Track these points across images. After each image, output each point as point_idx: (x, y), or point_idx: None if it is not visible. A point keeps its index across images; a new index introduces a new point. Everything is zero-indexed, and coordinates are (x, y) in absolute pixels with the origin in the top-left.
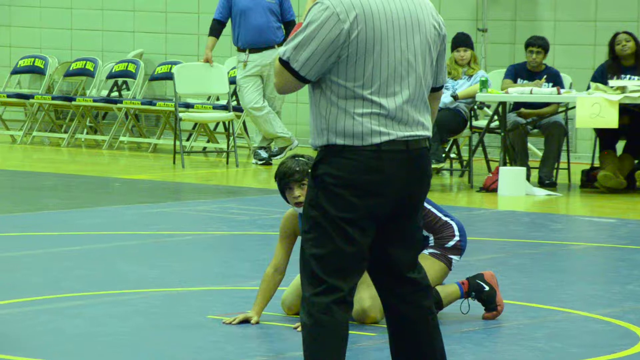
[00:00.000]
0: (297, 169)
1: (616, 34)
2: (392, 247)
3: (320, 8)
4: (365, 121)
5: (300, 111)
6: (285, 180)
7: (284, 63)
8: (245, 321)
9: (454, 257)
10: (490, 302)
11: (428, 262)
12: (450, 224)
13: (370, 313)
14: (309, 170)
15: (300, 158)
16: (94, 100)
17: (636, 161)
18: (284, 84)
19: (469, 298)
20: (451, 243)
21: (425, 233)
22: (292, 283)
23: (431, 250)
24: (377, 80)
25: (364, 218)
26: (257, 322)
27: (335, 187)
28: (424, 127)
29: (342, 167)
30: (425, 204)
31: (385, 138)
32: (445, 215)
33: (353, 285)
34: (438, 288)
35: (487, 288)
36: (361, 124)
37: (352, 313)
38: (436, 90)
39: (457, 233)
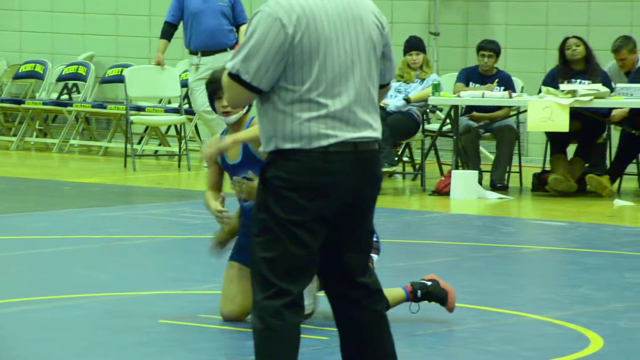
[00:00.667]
0: None
1: (566, 39)
2: (343, 252)
3: (262, 16)
4: (312, 125)
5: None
6: (214, 85)
7: (234, 77)
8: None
9: (374, 256)
10: (437, 292)
11: None
12: None
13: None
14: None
15: None
16: (44, 103)
17: (587, 165)
18: (237, 98)
19: (417, 298)
20: None
21: None
22: (223, 294)
23: None
24: (324, 82)
25: (313, 221)
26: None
27: (284, 190)
28: (372, 128)
29: (290, 170)
30: None
31: (332, 140)
32: None
33: (303, 288)
34: (384, 290)
35: (429, 283)
36: (308, 128)
37: None
38: (383, 86)
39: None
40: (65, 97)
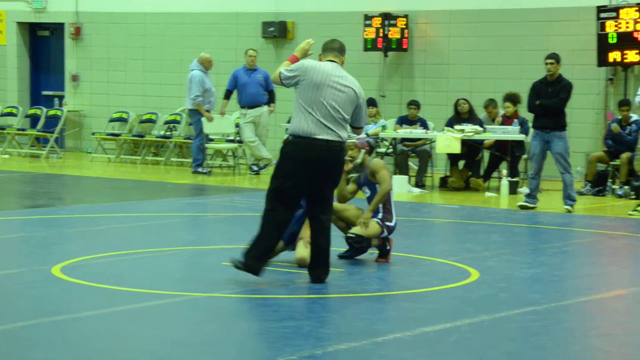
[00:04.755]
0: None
1: (458, 99)
2: (314, 198)
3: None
4: (306, 126)
5: (277, 143)
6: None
7: None
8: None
9: (385, 231)
10: (385, 252)
11: (375, 224)
12: (394, 215)
13: (306, 261)
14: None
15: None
16: (156, 137)
17: (470, 172)
18: None
19: (377, 247)
20: (389, 224)
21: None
22: (299, 245)
23: (377, 219)
24: (316, 105)
25: (300, 171)
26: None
27: (288, 157)
28: (337, 134)
29: (294, 146)
30: (390, 197)
31: (316, 136)
32: (393, 210)
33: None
34: (373, 241)
35: (388, 247)
36: (306, 127)
37: (295, 260)
38: (355, 129)
39: (394, 222)
40: (168, 133)
